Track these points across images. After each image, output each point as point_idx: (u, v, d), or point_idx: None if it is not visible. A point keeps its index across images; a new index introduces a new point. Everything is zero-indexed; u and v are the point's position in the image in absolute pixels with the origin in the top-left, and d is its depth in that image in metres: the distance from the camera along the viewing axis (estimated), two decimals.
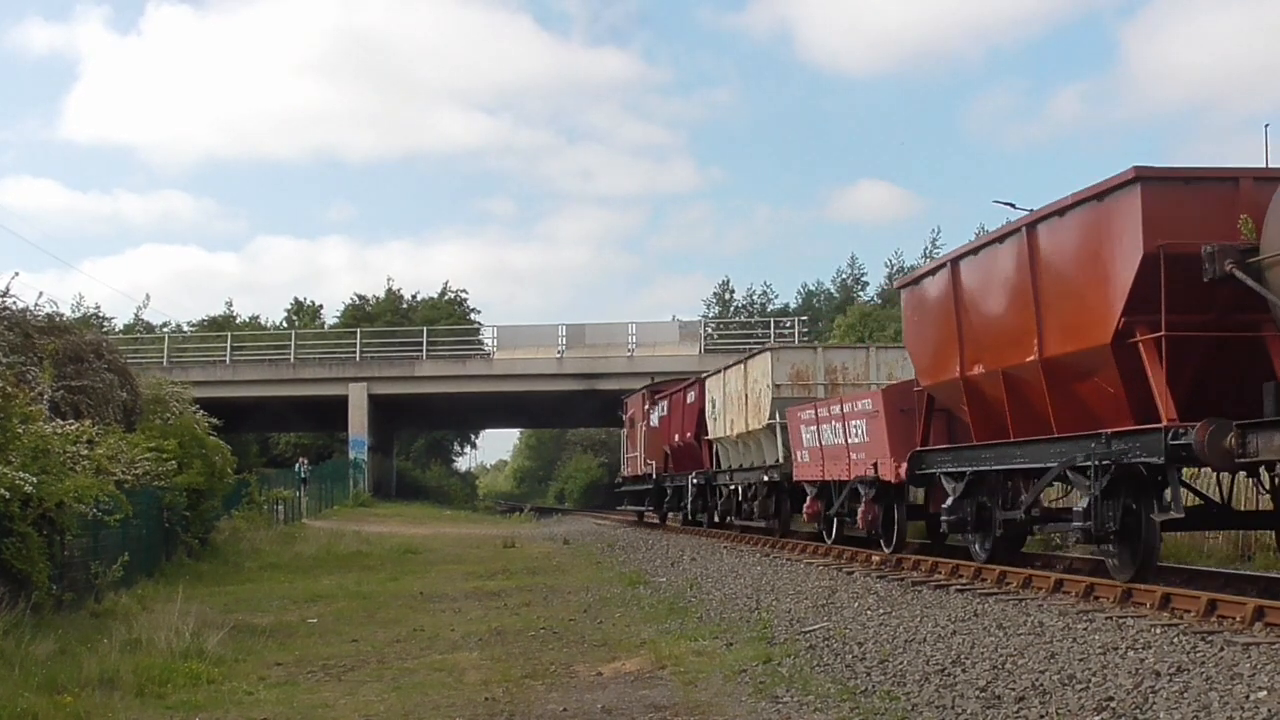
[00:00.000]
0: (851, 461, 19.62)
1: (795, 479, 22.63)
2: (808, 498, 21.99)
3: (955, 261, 15.85)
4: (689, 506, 31.59)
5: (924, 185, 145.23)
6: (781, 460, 23.54)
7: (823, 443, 20.93)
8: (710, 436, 29.54)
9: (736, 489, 27.38)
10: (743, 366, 26.69)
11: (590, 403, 59.02)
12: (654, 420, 36.14)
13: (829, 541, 21.10)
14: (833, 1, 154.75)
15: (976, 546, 15.89)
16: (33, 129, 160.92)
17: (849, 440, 19.73)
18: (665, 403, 35.09)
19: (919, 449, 17.26)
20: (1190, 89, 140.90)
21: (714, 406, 29.07)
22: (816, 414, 21.24)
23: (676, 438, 33.21)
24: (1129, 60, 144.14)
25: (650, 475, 35.93)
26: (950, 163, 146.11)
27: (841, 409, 20.05)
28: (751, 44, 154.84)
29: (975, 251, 15.40)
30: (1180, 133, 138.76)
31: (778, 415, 23.68)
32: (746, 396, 25.99)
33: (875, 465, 18.60)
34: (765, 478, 24.66)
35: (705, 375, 30.82)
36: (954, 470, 16.12)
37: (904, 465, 17.41)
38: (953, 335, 15.84)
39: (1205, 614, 10.83)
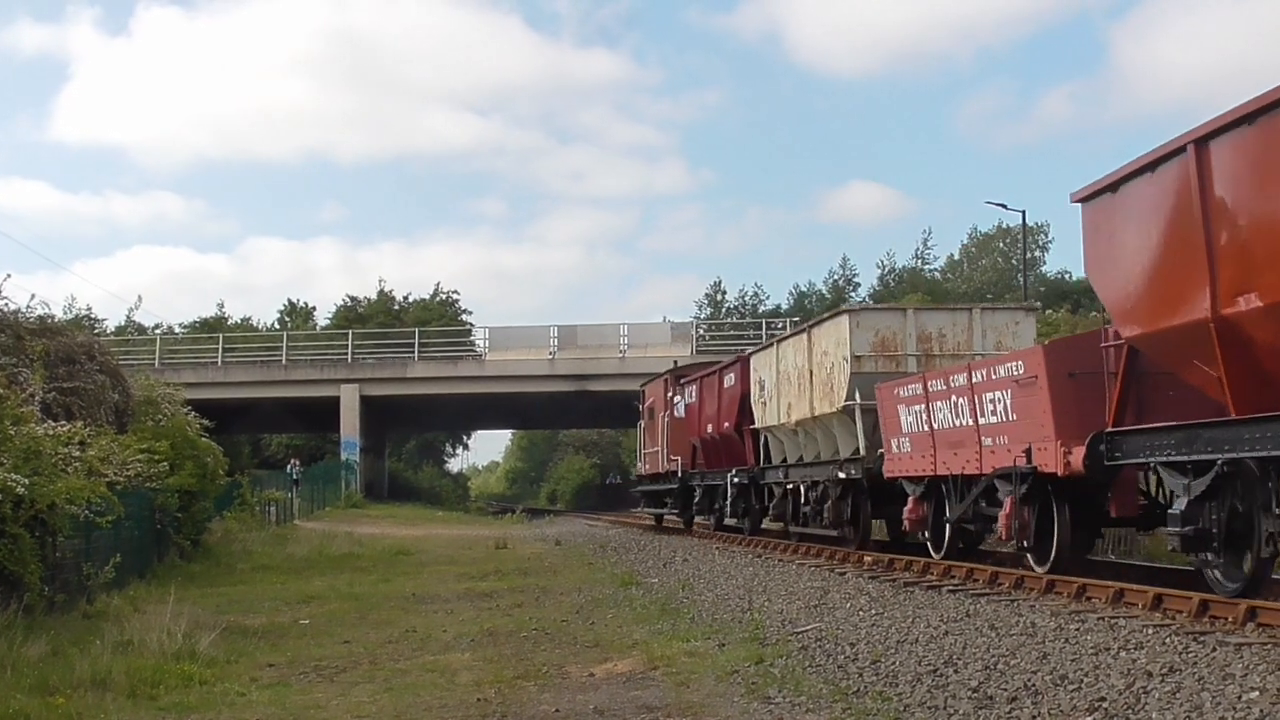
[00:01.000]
0: (984, 449, 15.29)
1: (888, 474, 18.07)
2: (909, 499, 17.51)
3: (1200, 143, 10.61)
4: (725, 509, 27.09)
5: (915, 186, 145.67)
6: (862, 451, 19.19)
7: (934, 425, 16.63)
8: (758, 425, 24.93)
9: (796, 488, 22.82)
10: (805, 337, 21.99)
11: (582, 404, 59.06)
12: (680, 410, 31.50)
13: (937, 556, 16.85)
14: (822, 1, 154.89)
15: (1218, 573, 11.32)
16: (23, 130, 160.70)
17: (981, 420, 15.41)
18: (694, 388, 30.52)
19: (1111, 429, 12.67)
20: (1180, 90, 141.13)
21: (762, 389, 24.50)
22: (926, 388, 16.85)
23: (709, 429, 28.81)
24: (1119, 61, 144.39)
25: (675, 473, 31.33)
26: (941, 163, 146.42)
27: (970, 378, 15.70)
28: (741, 45, 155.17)
29: (1246, 120, 10.07)
30: (1171, 135, 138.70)
31: (857, 395, 19.35)
32: (811, 373, 21.40)
33: (1027, 452, 14.17)
34: (840, 474, 19.93)
35: (750, 351, 26.30)
36: (1186, 459, 11.37)
37: (1080, 451, 13.05)
38: (1195, 254, 10.76)
39: (1197, 615, 10.85)
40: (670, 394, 32.31)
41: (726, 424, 27.33)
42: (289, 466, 46.08)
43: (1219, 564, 11.33)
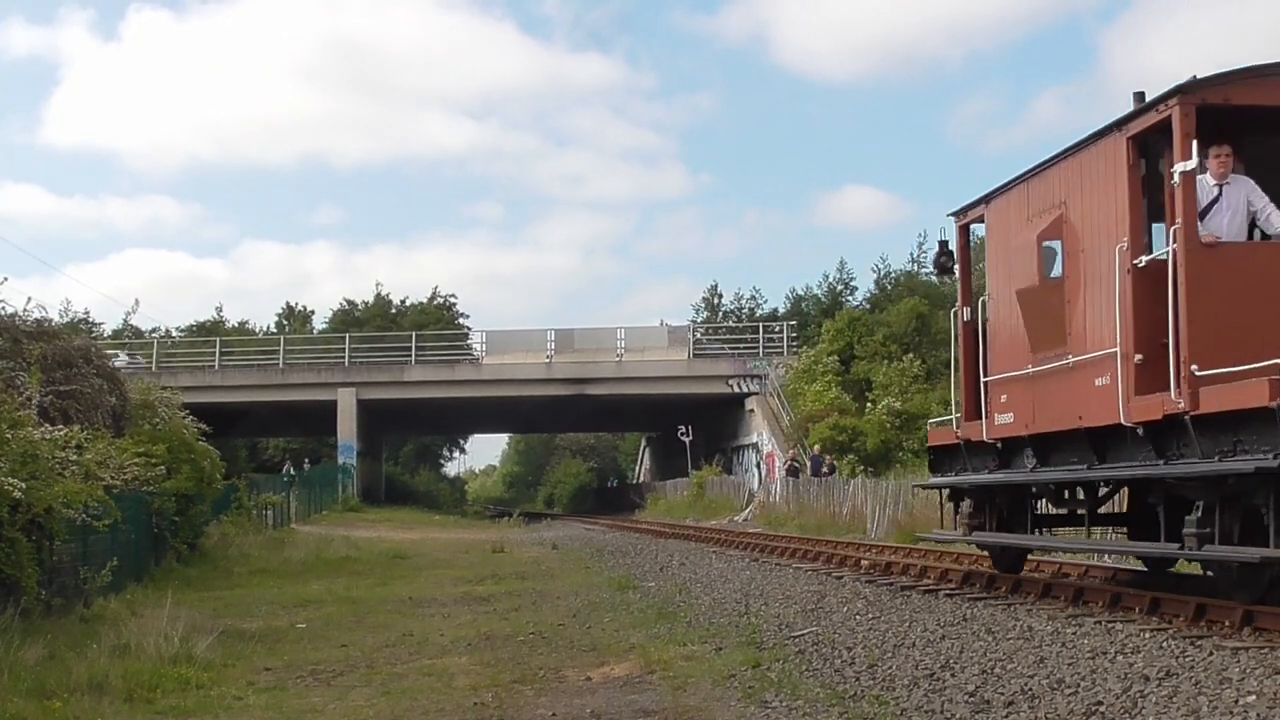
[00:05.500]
0: None
1: None
2: None
3: None
4: None
5: (908, 189, 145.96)
6: None
7: None
8: None
9: None
10: None
11: (579, 407, 59.03)
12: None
13: None
14: (805, 3, 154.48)
15: None
16: (15, 133, 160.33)
17: None
18: None
19: None
20: None
21: None
22: None
23: None
24: (1108, 64, 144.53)
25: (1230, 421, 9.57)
26: (933, 167, 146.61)
27: None
28: (728, 47, 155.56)
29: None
30: None
31: None
32: None
33: None
34: None
35: None
36: None
37: None
38: None
39: (1194, 619, 10.85)
40: (1174, 180, 10.25)
41: None
42: (284, 470, 46.09)
43: None
